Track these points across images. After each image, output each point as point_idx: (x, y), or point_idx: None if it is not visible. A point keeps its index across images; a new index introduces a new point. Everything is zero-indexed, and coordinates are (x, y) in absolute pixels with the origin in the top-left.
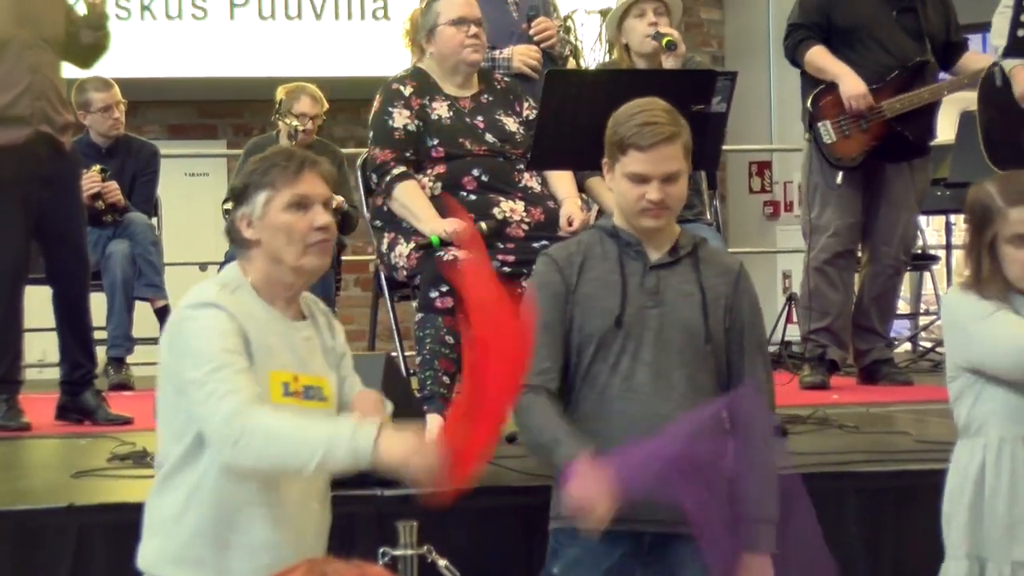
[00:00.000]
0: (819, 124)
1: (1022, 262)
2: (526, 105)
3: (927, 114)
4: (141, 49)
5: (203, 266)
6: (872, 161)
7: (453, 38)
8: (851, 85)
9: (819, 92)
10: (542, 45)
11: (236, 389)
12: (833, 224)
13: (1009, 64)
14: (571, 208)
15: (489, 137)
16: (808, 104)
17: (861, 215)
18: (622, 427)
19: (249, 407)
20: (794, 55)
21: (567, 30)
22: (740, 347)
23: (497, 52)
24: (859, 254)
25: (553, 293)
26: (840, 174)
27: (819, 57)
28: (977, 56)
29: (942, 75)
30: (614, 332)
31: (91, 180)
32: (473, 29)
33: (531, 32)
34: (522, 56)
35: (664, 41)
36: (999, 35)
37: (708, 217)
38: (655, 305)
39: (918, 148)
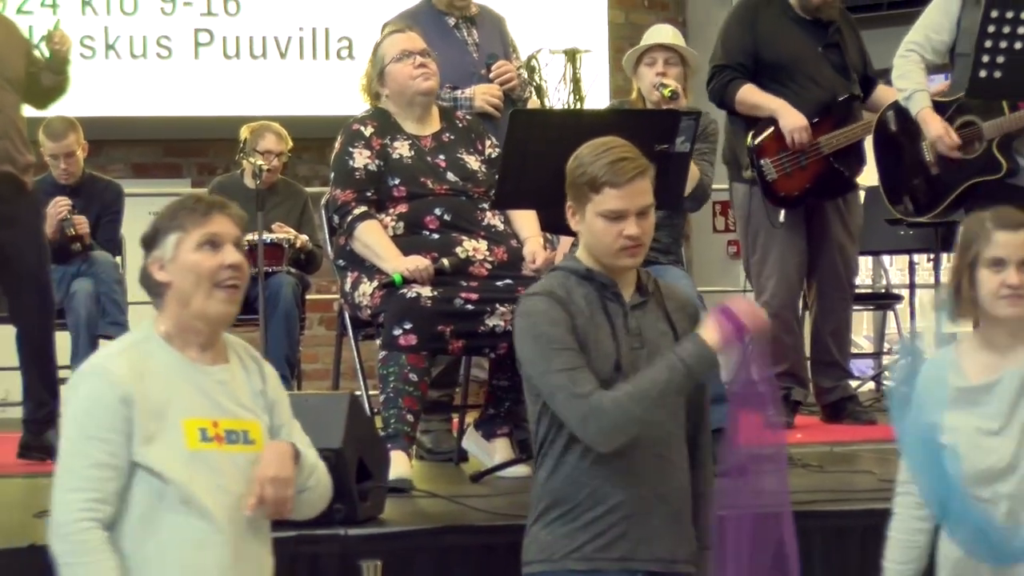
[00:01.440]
0: (762, 161)
1: (995, 286)
2: (488, 143)
3: (857, 148)
4: (106, 88)
5: None
6: (810, 199)
7: (402, 72)
8: (791, 119)
9: (759, 129)
10: (503, 88)
11: (83, 487)
12: (780, 268)
13: (917, 107)
14: (534, 247)
15: (451, 176)
16: (750, 141)
17: (805, 254)
18: (626, 469)
19: (91, 527)
20: (723, 96)
21: (531, 70)
22: (700, 384)
23: (459, 92)
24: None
25: (569, 328)
26: (782, 212)
27: (752, 94)
28: (888, 89)
29: None
30: (615, 376)
31: (60, 204)
32: (419, 59)
33: (491, 75)
34: (484, 95)
35: (666, 91)
36: (906, 78)
37: (684, 263)
38: (641, 346)
39: (851, 183)
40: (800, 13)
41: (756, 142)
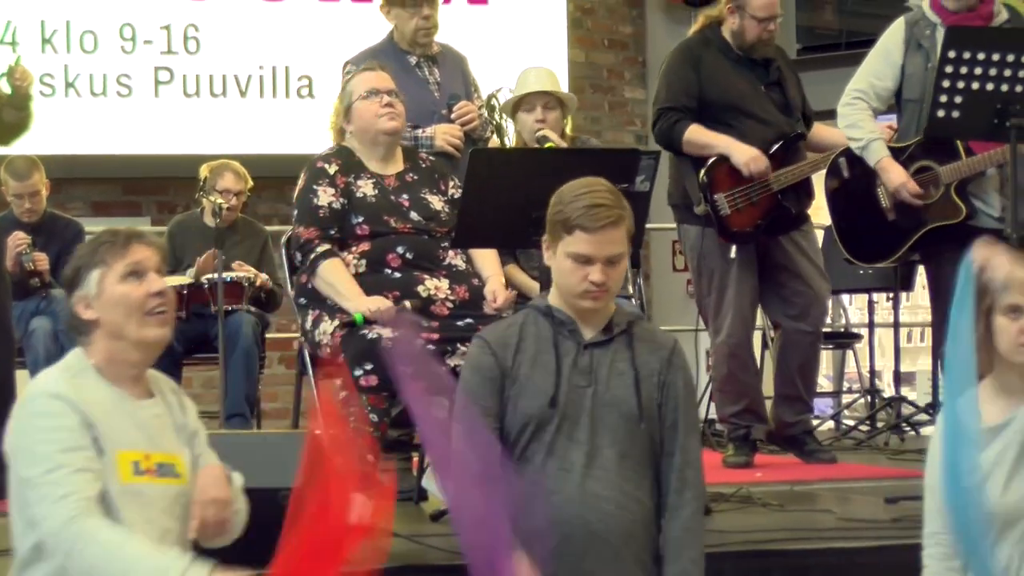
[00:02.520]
0: (715, 196)
1: (1013, 332)
2: (451, 184)
3: (804, 183)
4: (65, 126)
5: None
6: (762, 236)
7: (367, 110)
8: (744, 152)
9: (711, 166)
10: (464, 128)
11: (71, 492)
12: (736, 306)
13: (875, 157)
14: (496, 285)
15: (414, 215)
16: (702, 177)
17: (757, 291)
18: (557, 506)
19: (86, 515)
20: (670, 137)
21: (491, 109)
22: (674, 424)
23: (420, 131)
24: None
25: (487, 377)
26: (733, 248)
27: (700, 134)
28: (827, 129)
29: None
30: (549, 413)
31: (18, 238)
32: (386, 99)
33: (452, 116)
34: (444, 135)
35: (546, 146)
36: (858, 127)
37: (631, 290)
38: (588, 384)
39: (799, 219)
40: (739, 53)
41: (708, 178)
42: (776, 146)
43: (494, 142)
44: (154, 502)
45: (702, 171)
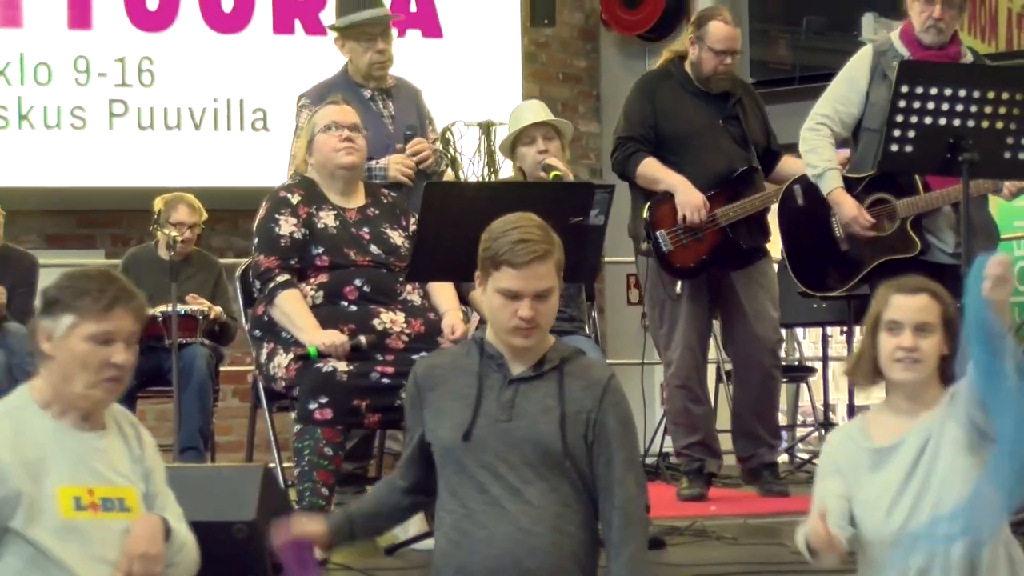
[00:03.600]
0: (657, 233)
1: (890, 348)
2: (412, 220)
3: (758, 219)
4: (19, 158)
5: None
6: (714, 270)
7: (326, 143)
8: (688, 196)
9: (655, 202)
10: (417, 163)
11: None
12: (685, 339)
13: (829, 186)
14: (453, 320)
15: (374, 248)
16: (645, 213)
17: (710, 323)
18: (486, 540)
19: None
20: (624, 168)
21: (446, 142)
22: (609, 461)
23: (374, 162)
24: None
25: (411, 403)
26: (679, 284)
27: (652, 168)
28: (794, 161)
29: None
30: (463, 446)
31: None
32: (346, 133)
33: (407, 151)
34: (398, 165)
35: (551, 175)
36: (816, 153)
37: (587, 330)
38: (507, 419)
39: (754, 252)
40: (699, 86)
41: (651, 214)
42: (725, 180)
43: (449, 175)
44: (98, 538)
45: (646, 207)
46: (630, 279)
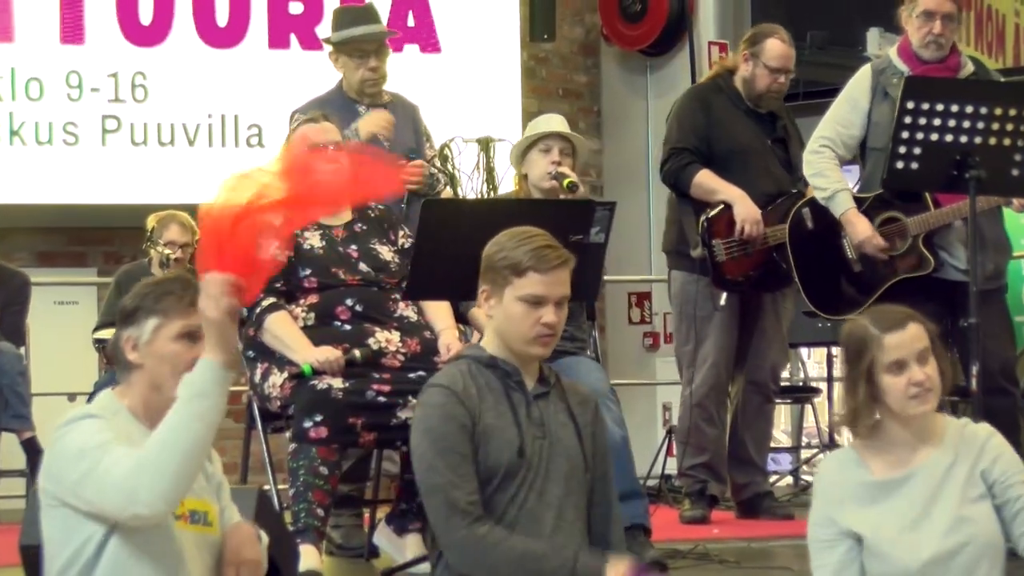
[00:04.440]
0: (714, 242)
1: (902, 387)
2: (401, 233)
3: None
4: (10, 175)
5: (71, 396)
6: (749, 288)
7: None
8: (746, 209)
9: (715, 212)
10: (407, 186)
11: (125, 454)
12: (713, 356)
13: (840, 208)
14: (449, 339)
15: (363, 266)
16: (703, 221)
17: (735, 346)
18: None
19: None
20: (678, 178)
21: (444, 158)
22: (604, 475)
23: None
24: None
25: (461, 425)
26: (724, 296)
27: (709, 179)
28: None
29: None
30: (518, 464)
31: None
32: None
33: (404, 169)
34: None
35: (566, 183)
36: (823, 176)
37: (589, 351)
38: (543, 436)
39: (788, 277)
40: (748, 104)
41: (709, 223)
42: (778, 202)
43: (447, 193)
44: (185, 548)
45: (704, 215)
46: (631, 298)
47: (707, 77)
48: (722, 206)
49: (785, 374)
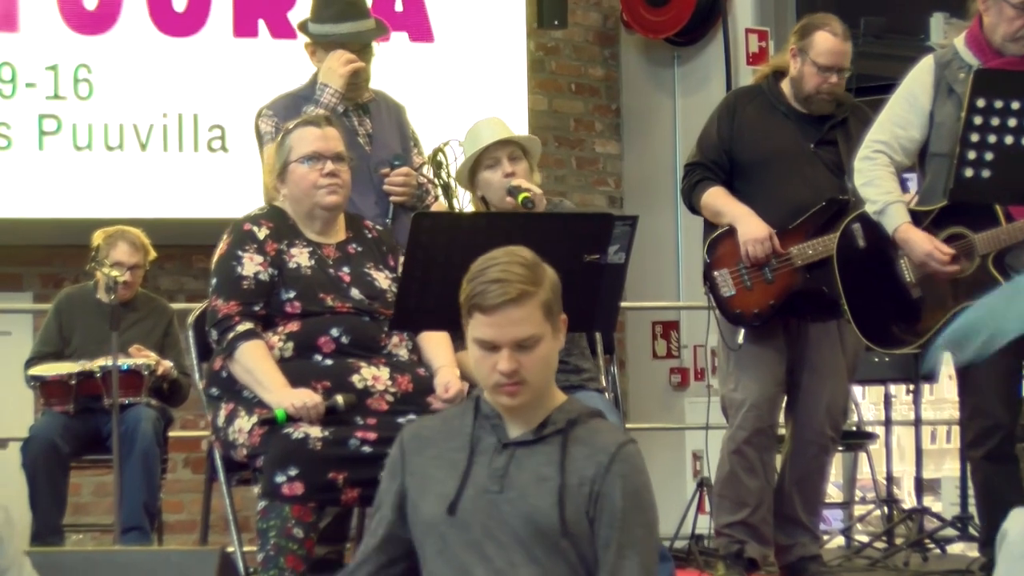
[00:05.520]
0: (716, 273)
1: None
2: (401, 260)
3: None
4: None
5: (2, 443)
6: (793, 319)
7: (305, 177)
8: (749, 228)
9: (716, 237)
10: (391, 197)
11: None
12: (751, 395)
13: (894, 223)
14: (447, 377)
15: (355, 293)
16: (704, 251)
17: (783, 383)
18: None
19: None
20: (690, 199)
21: (437, 164)
22: (608, 543)
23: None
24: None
25: (390, 472)
26: (741, 333)
27: (715, 199)
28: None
29: None
30: (447, 521)
31: None
32: (329, 166)
33: (387, 180)
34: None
35: (520, 198)
36: (875, 186)
37: (602, 382)
38: (499, 491)
39: (834, 305)
40: (795, 106)
41: (711, 252)
42: (808, 214)
43: (440, 205)
44: None
45: (706, 243)
46: (656, 328)
47: (755, 79)
48: (724, 230)
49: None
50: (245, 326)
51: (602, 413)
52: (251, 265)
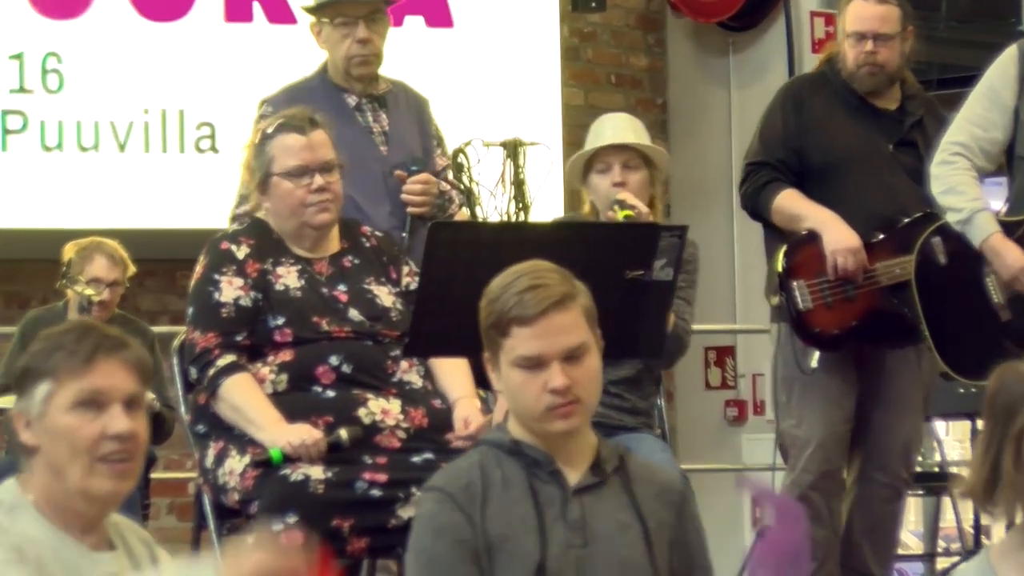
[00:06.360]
0: (793, 283)
1: None
2: (406, 270)
3: None
4: None
5: None
6: (868, 345)
7: (291, 195)
8: (839, 236)
9: (795, 242)
10: (407, 208)
11: None
12: (817, 433)
13: (981, 234)
14: (467, 410)
15: (354, 314)
16: (781, 257)
17: (852, 419)
18: None
19: None
20: (756, 203)
21: (458, 167)
22: None
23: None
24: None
25: (456, 541)
26: (816, 355)
27: (793, 202)
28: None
29: None
30: None
31: None
32: (318, 180)
33: (404, 186)
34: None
35: (621, 215)
36: (956, 193)
37: (656, 429)
38: (584, 544)
39: (913, 331)
40: (869, 99)
41: (788, 259)
42: (892, 226)
43: (463, 214)
44: None
45: (781, 250)
46: (709, 355)
47: (817, 65)
48: (805, 235)
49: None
50: (227, 359)
51: (627, 449)
52: (230, 290)
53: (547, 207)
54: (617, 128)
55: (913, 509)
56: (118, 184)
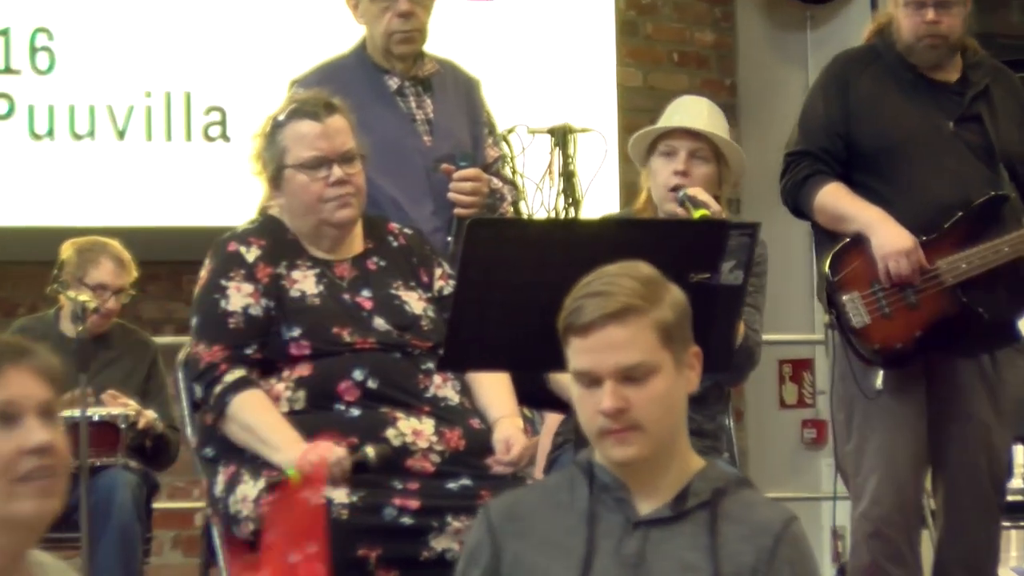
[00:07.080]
0: (844, 298)
1: None
2: (438, 273)
3: (1009, 276)
4: None
5: None
6: (933, 354)
7: (307, 190)
8: (889, 237)
9: (841, 250)
10: (455, 209)
11: None
12: (887, 459)
13: None
14: (509, 430)
15: (380, 323)
16: (826, 269)
17: (924, 439)
18: None
19: None
20: (796, 199)
21: (501, 158)
22: None
23: None
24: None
25: (471, 561)
26: (880, 375)
27: (836, 198)
28: None
29: None
30: None
31: None
32: (337, 173)
33: (451, 183)
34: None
35: (697, 214)
36: None
37: (724, 452)
38: None
39: (1001, 331)
40: (926, 72)
41: (834, 269)
42: (957, 216)
43: (505, 208)
44: None
45: (829, 257)
46: (783, 369)
47: (866, 38)
48: (851, 240)
49: (1017, 482)
50: (235, 374)
51: (749, 481)
52: (239, 297)
53: (600, 202)
54: (691, 112)
55: (1015, 542)
56: (116, 176)
